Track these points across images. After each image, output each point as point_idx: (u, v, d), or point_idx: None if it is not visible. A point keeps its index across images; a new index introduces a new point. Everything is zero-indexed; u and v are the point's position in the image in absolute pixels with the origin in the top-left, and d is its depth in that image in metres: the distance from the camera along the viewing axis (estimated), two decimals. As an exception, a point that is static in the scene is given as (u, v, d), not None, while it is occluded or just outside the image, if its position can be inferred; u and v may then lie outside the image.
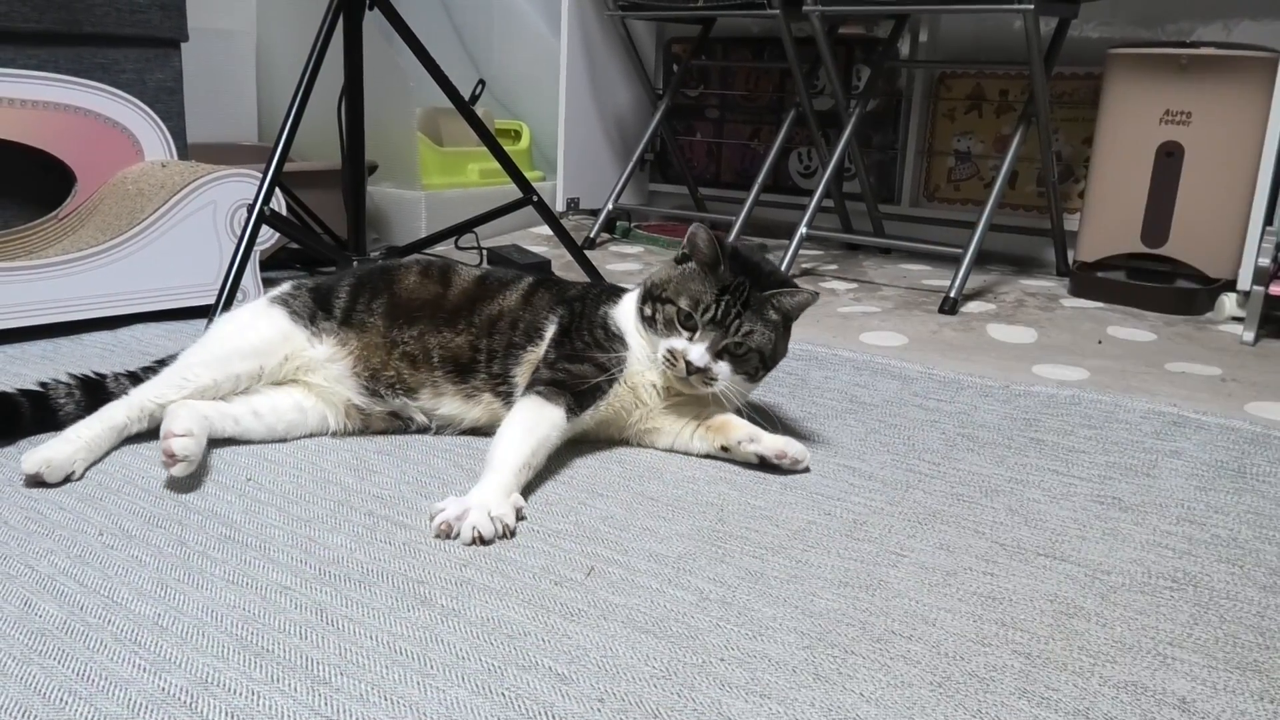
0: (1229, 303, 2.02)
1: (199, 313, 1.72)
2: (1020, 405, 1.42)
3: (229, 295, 1.60)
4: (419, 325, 1.22)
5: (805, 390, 1.47)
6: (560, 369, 1.15)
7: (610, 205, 2.81)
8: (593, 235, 2.71)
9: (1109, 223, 2.18)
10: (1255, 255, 1.88)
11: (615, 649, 0.78)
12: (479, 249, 2.30)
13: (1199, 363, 1.70)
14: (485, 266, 2.03)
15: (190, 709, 0.69)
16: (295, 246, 2.00)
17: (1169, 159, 2.06)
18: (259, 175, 1.71)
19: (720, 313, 1.14)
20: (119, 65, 1.88)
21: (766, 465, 1.16)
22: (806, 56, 2.53)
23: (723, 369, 1.15)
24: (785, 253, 2.30)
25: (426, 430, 1.23)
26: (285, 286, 1.28)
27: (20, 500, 1.01)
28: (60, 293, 1.62)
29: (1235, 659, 0.79)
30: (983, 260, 2.41)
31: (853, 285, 2.28)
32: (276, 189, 1.71)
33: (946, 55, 2.69)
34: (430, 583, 0.87)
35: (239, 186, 1.77)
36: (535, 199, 1.98)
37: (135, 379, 1.21)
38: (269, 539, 0.95)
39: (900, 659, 0.78)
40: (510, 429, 1.08)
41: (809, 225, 2.33)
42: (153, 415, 1.14)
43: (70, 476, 1.06)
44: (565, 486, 1.10)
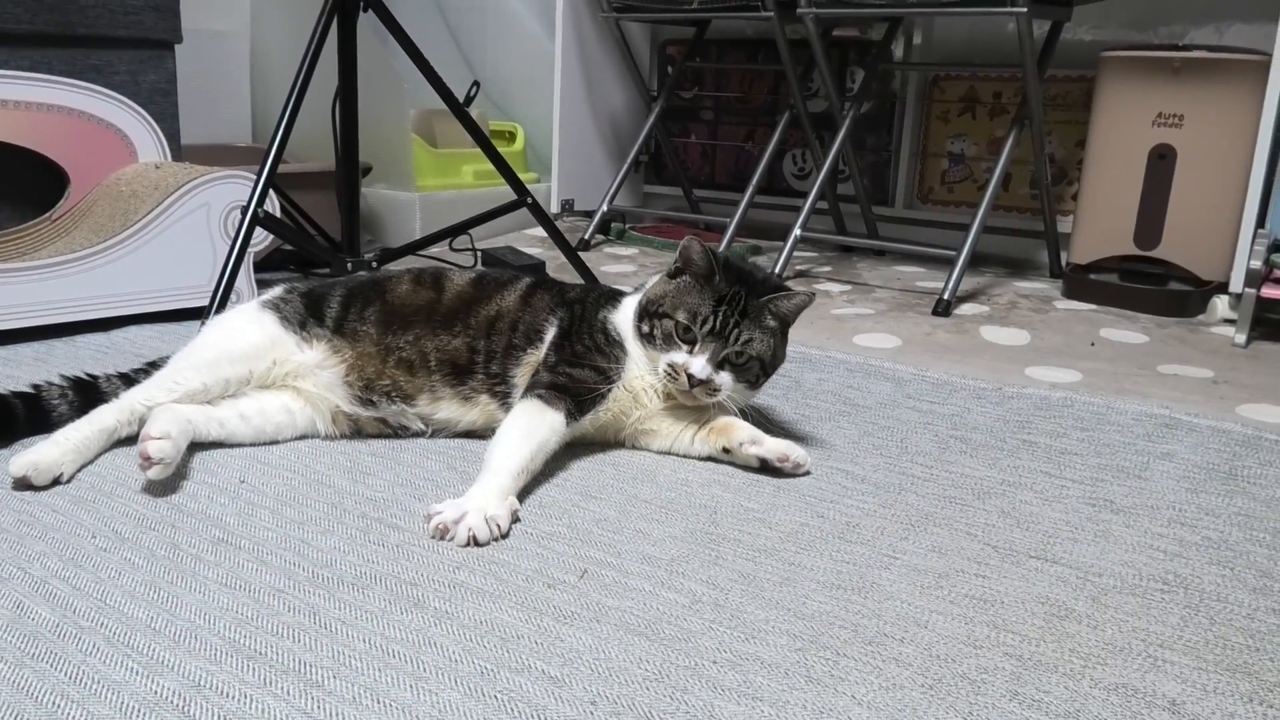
0: (1221, 305, 2.02)
1: (193, 314, 1.72)
2: (1013, 407, 1.43)
3: (223, 297, 1.60)
4: (414, 330, 1.22)
5: (799, 392, 1.47)
6: (561, 373, 1.15)
7: (605, 207, 2.81)
8: (587, 237, 2.71)
9: (1102, 225, 2.18)
10: (1247, 258, 1.89)
11: (608, 651, 0.78)
12: (473, 250, 2.30)
13: (1191, 365, 1.71)
14: (479, 268, 2.04)
15: (183, 712, 0.69)
16: (289, 248, 2.00)
17: (1161, 161, 2.07)
18: (253, 177, 1.71)
19: (718, 323, 1.14)
20: (113, 67, 1.87)
21: (767, 468, 1.16)
22: (801, 59, 2.53)
23: (725, 379, 1.15)
24: (779, 254, 2.31)
25: (420, 435, 1.24)
26: (277, 291, 1.28)
27: (12, 503, 1.01)
28: (53, 294, 1.61)
29: (1225, 661, 0.79)
30: (976, 262, 2.41)
31: (846, 287, 2.29)
32: (270, 191, 1.71)
33: (940, 58, 2.70)
34: (423, 585, 0.88)
35: (233, 188, 1.77)
36: (529, 201, 1.98)
37: (128, 380, 1.21)
38: (262, 541, 0.95)
39: (892, 661, 0.78)
40: (509, 432, 1.08)
41: (803, 227, 2.34)
42: (142, 418, 1.13)
43: (58, 479, 1.06)
44: (559, 489, 1.10)
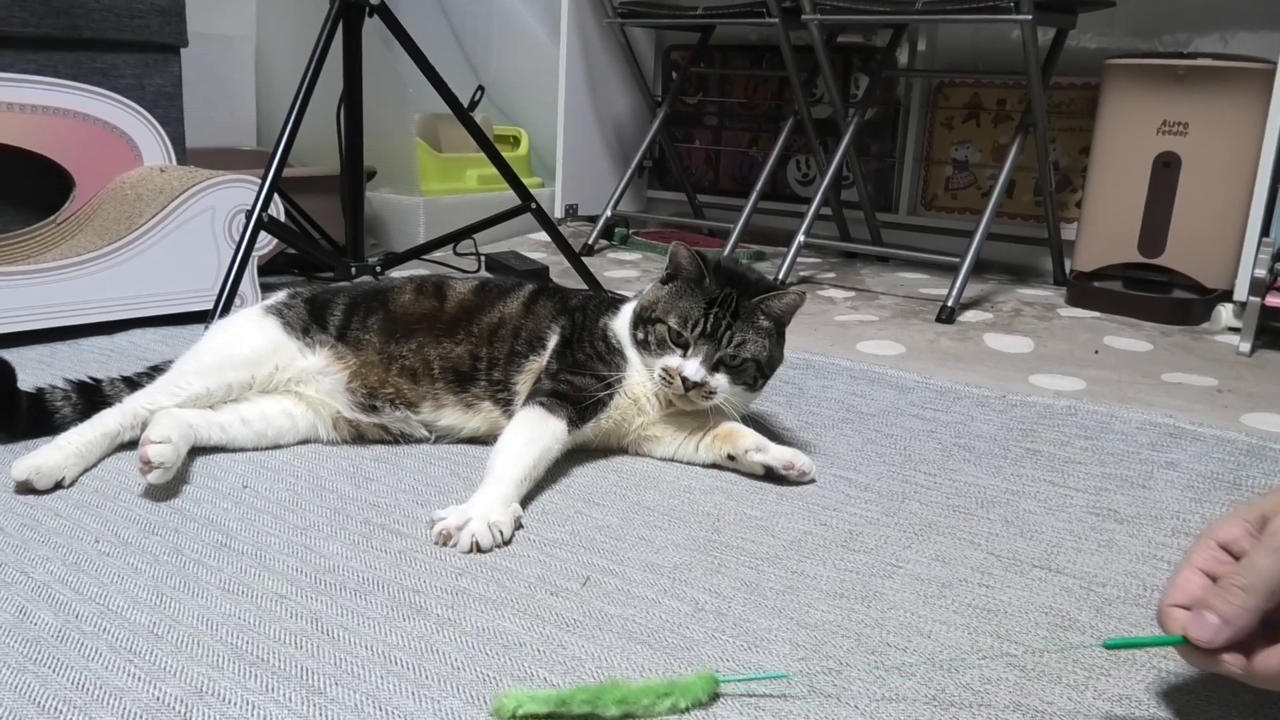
0: (1225, 313, 2.02)
1: (197, 318, 1.72)
2: (1017, 415, 1.42)
3: (227, 301, 1.61)
4: (417, 338, 1.22)
5: (802, 399, 1.47)
6: (562, 380, 1.15)
7: (608, 212, 2.81)
8: (591, 242, 2.72)
9: (1106, 232, 2.18)
10: (1251, 266, 1.89)
11: (610, 660, 0.78)
12: (477, 255, 2.31)
13: (1195, 373, 1.71)
14: (483, 274, 2.04)
15: (185, 719, 0.69)
16: (293, 252, 2.01)
17: (1166, 169, 2.07)
18: (258, 181, 1.71)
19: (710, 326, 1.14)
20: (118, 70, 1.88)
21: (771, 476, 1.16)
22: (805, 65, 2.53)
23: (720, 381, 1.15)
24: (783, 260, 2.31)
25: (423, 442, 1.24)
26: (280, 296, 1.28)
27: (16, 507, 1.01)
28: (58, 297, 1.61)
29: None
30: (980, 269, 2.41)
31: (850, 293, 2.29)
32: (275, 195, 1.72)
33: (944, 64, 2.70)
34: (426, 592, 0.87)
35: (237, 192, 1.78)
36: (534, 206, 1.98)
37: (131, 384, 1.22)
38: (265, 547, 0.95)
39: (895, 671, 0.78)
40: (512, 440, 1.08)
41: (807, 233, 2.34)
42: (145, 422, 1.13)
43: (61, 483, 1.06)
44: (562, 495, 1.10)
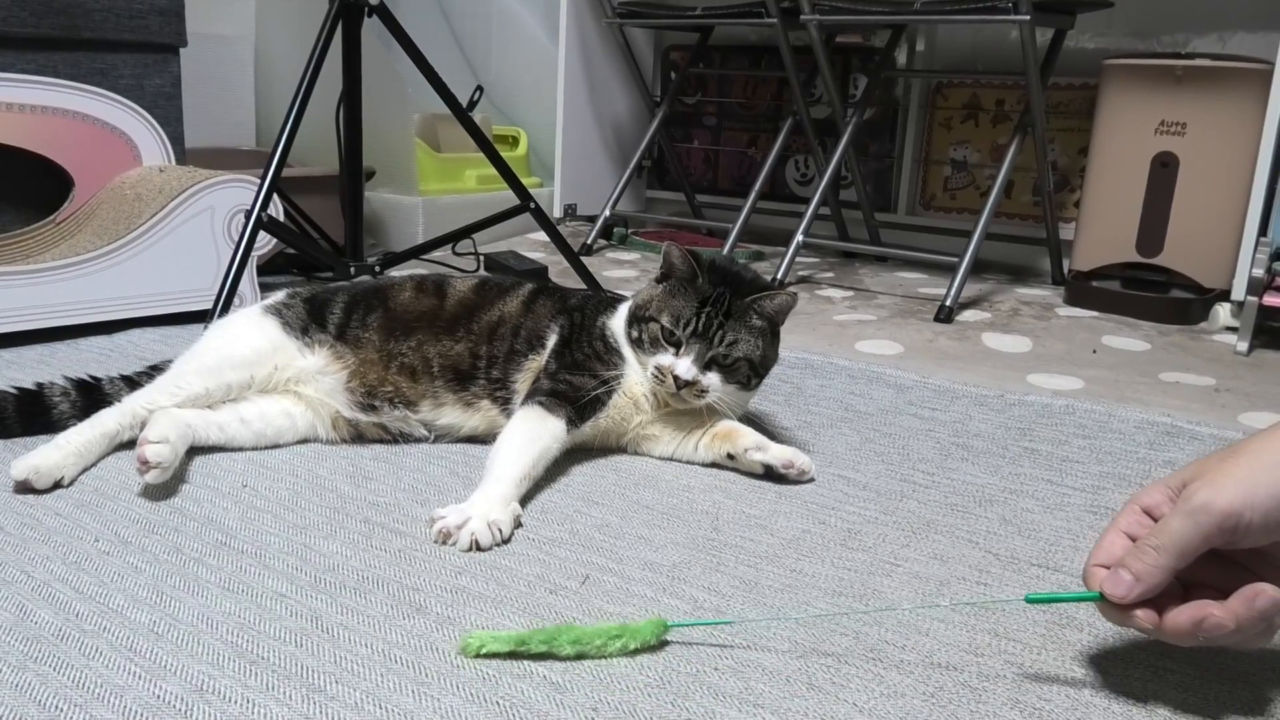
0: (1223, 313, 2.02)
1: (196, 318, 1.72)
2: (1015, 414, 1.43)
3: (226, 300, 1.61)
4: (417, 336, 1.22)
5: (800, 398, 1.48)
6: (561, 380, 1.16)
7: (607, 212, 2.81)
8: (590, 242, 2.72)
9: (1104, 232, 2.19)
10: (1249, 265, 1.89)
11: (610, 658, 0.78)
12: (476, 255, 2.31)
13: (1193, 373, 1.71)
14: (482, 273, 2.04)
15: (185, 716, 0.69)
16: (292, 252, 2.01)
17: (1164, 169, 2.07)
18: (257, 181, 1.71)
19: (702, 325, 1.14)
20: (117, 70, 1.88)
21: (770, 475, 1.16)
22: (804, 65, 2.54)
23: (713, 380, 1.15)
24: (782, 260, 2.31)
25: (422, 442, 1.24)
26: (279, 295, 1.29)
27: (16, 506, 1.01)
28: (57, 297, 1.62)
29: (1226, 670, 0.79)
30: (978, 269, 2.41)
31: (849, 293, 2.29)
32: (274, 195, 1.72)
33: (943, 65, 2.70)
34: (425, 590, 0.88)
35: (237, 192, 1.78)
36: (533, 205, 1.99)
37: (131, 383, 1.22)
38: (265, 546, 0.95)
39: (893, 669, 0.78)
40: (511, 439, 1.08)
41: (805, 233, 2.34)
42: (144, 421, 1.13)
43: (60, 483, 1.06)
44: (561, 494, 1.10)
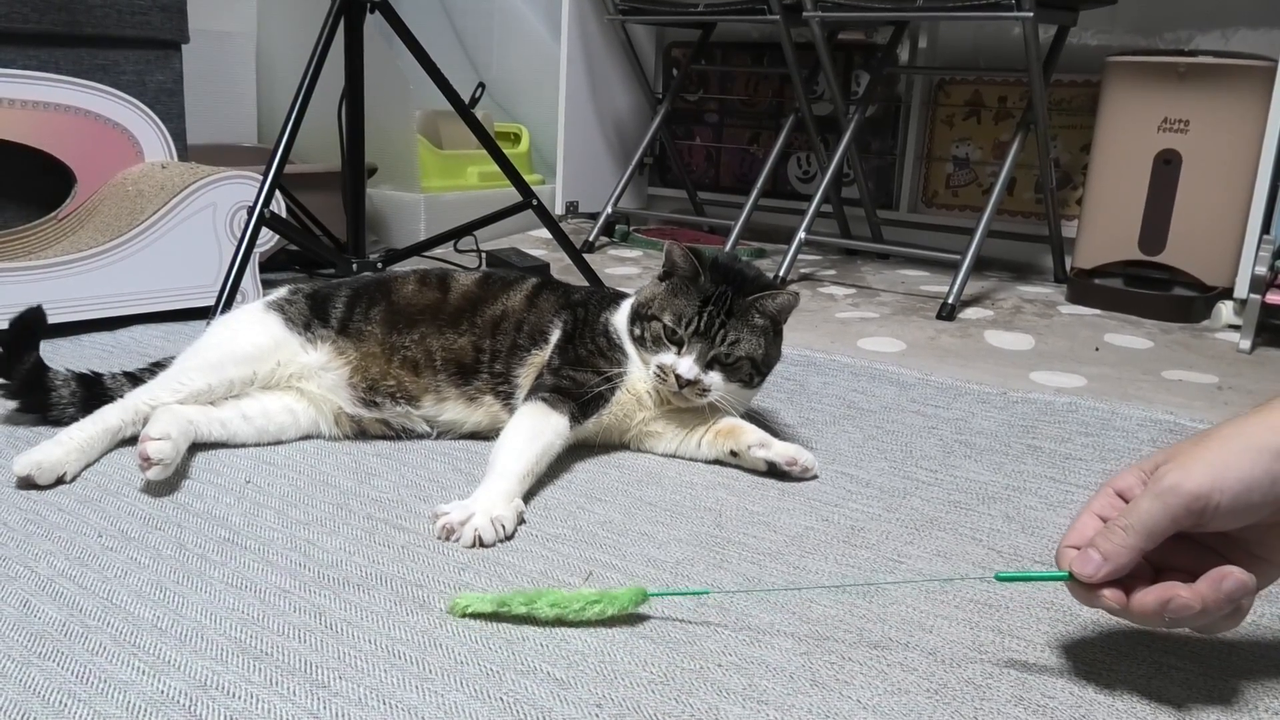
0: (1226, 310, 2.02)
1: (198, 314, 1.72)
2: (1017, 412, 1.42)
3: (228, 297, 1.61)
4: (420, 329, 1.22)
5: (803, 396, 1.47)
6: (564, 376, 1.15)
7: (609, 209, 2.81)
8: (591, 239, 2.72)
9: (1106, 230, 2.18)
10: (1252, 263, 1.89)
11: (613, 654, 0.78)
12: (478, 252, 2.31)
13: (1196, 370, 1.71)
14: (484, 268, 2.04)
15: (189, 711, 0.69)
16: (295, 249, 2.01)
17: (1167, 167, 2.07)
18: (259, 177, 1.71)
19: (703, 324, 1.14)
20: (119, 66, 1.88)
21: (773, 472, 1.16)
22: (806, 62, 2.53)
23: (715, 379, 1.15)
24: (784, 257, 2.31)
25: (424, 438, 1.24)
26: (282, 291, 1.28)
27: (19, 502, 1.01)
28: (59, 293, 1.61)
29: (1229, 667, 0.79)
30: (981, 266, 2.41)
31: (851, 291, 2.29)
32: (276, 191, 1.72)
33: (945, 62, 2.70)
34: (429, 586, 0.88)
35: (239, 188, 1.78)
36: (534, 202, 1.98)
37: (134, 379, 1.22)
38: (268, 542, 0.95)
39: (897, 666, 0.78)
40: (515, 435, 1.08)
41: (807, 230, 2.34)
42: (146, 418, 1.13)
43: (62, 479, 1.06)
44: (564, 491, 1.10)
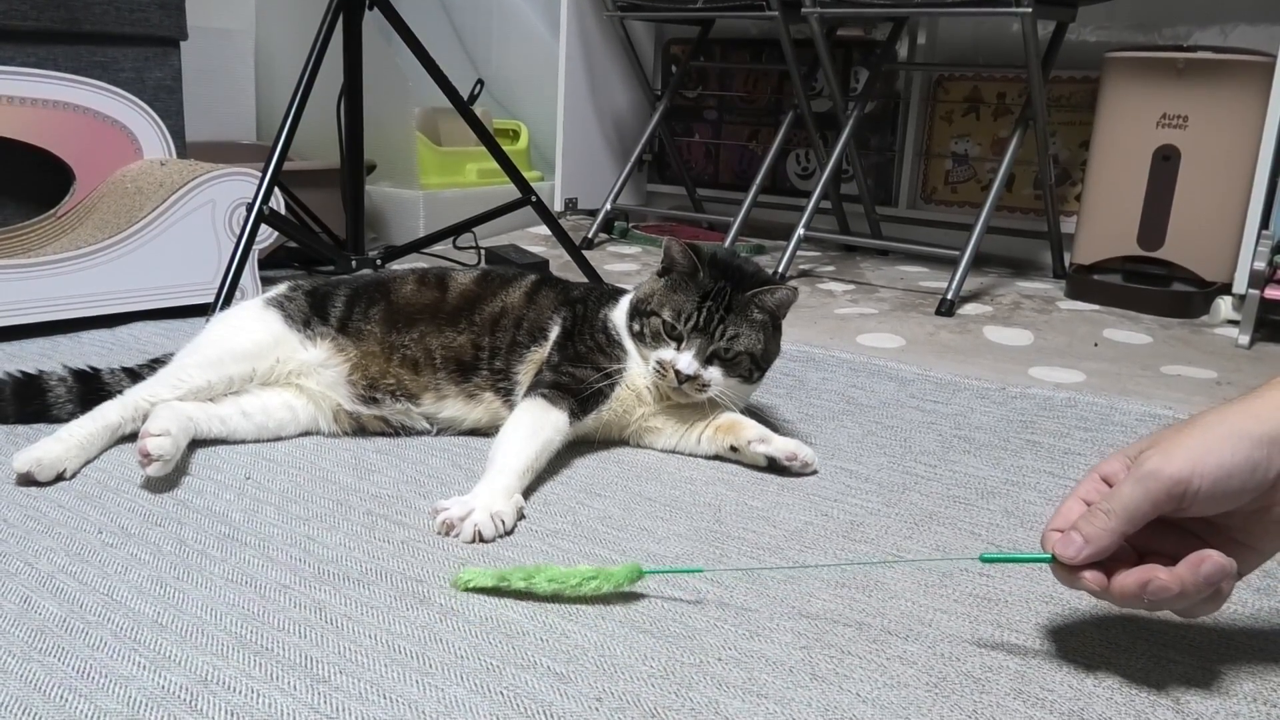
0: (1224, 306, 2.02)
1: (198, 311, 1.72)
2: (1016, 407, 1.43)
3: (227, 294, 1.61)
4: (419, 328, 1.22)
5: (802, 391, 1.48)
6: (564, 372, 1.16)
7: (608, 206, 2.81)
8: (591, 235, 2.72)
9: (1105, 226, 2.18)
10: (1251, 259, 1.89)
11: (613, 648, 0.78)
12: (477, 249, 2.31)
13: (1194, 366, 1.71)
14: (484, 266, 2.04)
15: (190, 706, 0.69)
16: (294, 245, 2.01)
17: (1165, 162, 2.07)
18: (258, 174, 1.71)
19: (703, 319, 1.14)
20: (118, 63, 1.88)
21: (773, 467, 1.16)
22: (805, 58, 2.53)
23: (714, 374, 1.15)
24: (783, 254, 2.31)
25: (424, 434, 1.24)
26: (281, 288, 1.28)
27: (19, 498, 1.01)
28: (58, 291, 1.61)
29: (1229, 661, 0.79)
30: (980, 262, 2.41)
31: (850, 287, 2.29)
32: (275, 188, 1.72)
33: (944, 58, 2.70)
34: (429, 581, 0.88)
35: (238, 185, 1.77)
36: (533, 199, 1.98)
37: (133, 376, 1.22)
38: (268, 537, 0.95)
39: (897, 659, 0.78)
40: (514, 431, 1.09)
41: (806, 227, 2.34)
42: (146, 414, 1.13)
43: (62, 475, 1.06)
44: (563, 486, 1.10)
